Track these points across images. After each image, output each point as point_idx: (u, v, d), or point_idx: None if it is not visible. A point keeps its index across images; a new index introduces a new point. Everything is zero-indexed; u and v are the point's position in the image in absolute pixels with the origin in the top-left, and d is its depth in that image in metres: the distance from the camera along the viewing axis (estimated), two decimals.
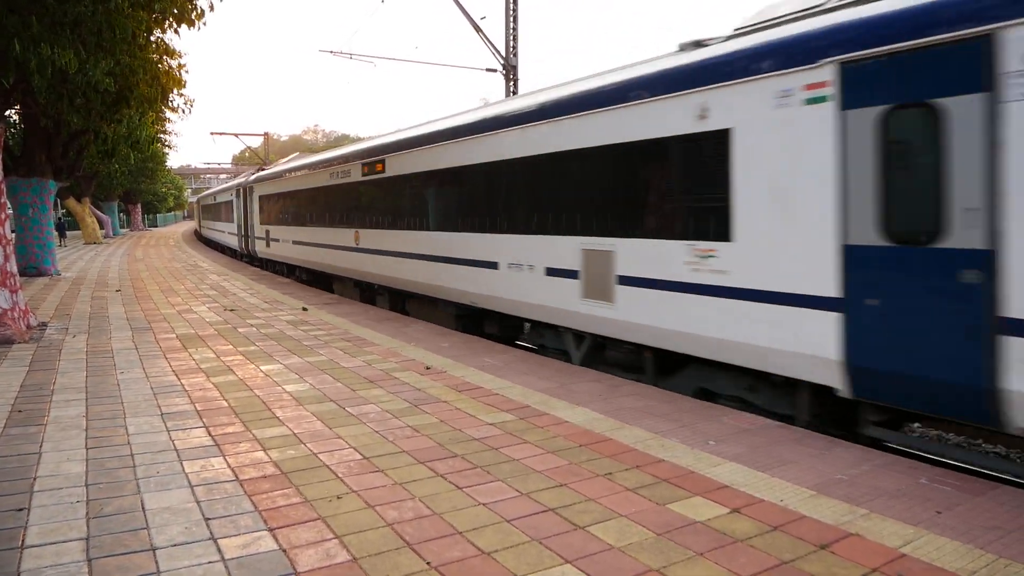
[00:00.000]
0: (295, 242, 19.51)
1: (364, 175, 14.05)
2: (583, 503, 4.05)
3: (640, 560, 3.38)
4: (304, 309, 11.50)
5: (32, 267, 18.50)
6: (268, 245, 22.81)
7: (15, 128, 19.79)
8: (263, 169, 26.57)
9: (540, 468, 4.60)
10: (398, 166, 12.57)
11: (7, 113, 12.40)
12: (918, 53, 4.85)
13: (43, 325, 10.58)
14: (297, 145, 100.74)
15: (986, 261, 4.52)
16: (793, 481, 4.37)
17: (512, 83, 20.94)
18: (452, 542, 3.56)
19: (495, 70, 21.41)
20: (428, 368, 7.55)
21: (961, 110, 4.65)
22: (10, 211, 10.31)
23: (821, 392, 5.73)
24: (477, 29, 20.40)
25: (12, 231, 12.16)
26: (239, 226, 28.23)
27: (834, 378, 5.47)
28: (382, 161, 13.22)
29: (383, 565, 3.32)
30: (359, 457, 4.82)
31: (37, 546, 3.51)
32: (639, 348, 7.57)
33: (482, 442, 5.13)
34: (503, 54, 20.89)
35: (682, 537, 3.62)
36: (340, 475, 4.48)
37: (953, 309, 4.71)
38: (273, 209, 22.08)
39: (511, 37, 20.80)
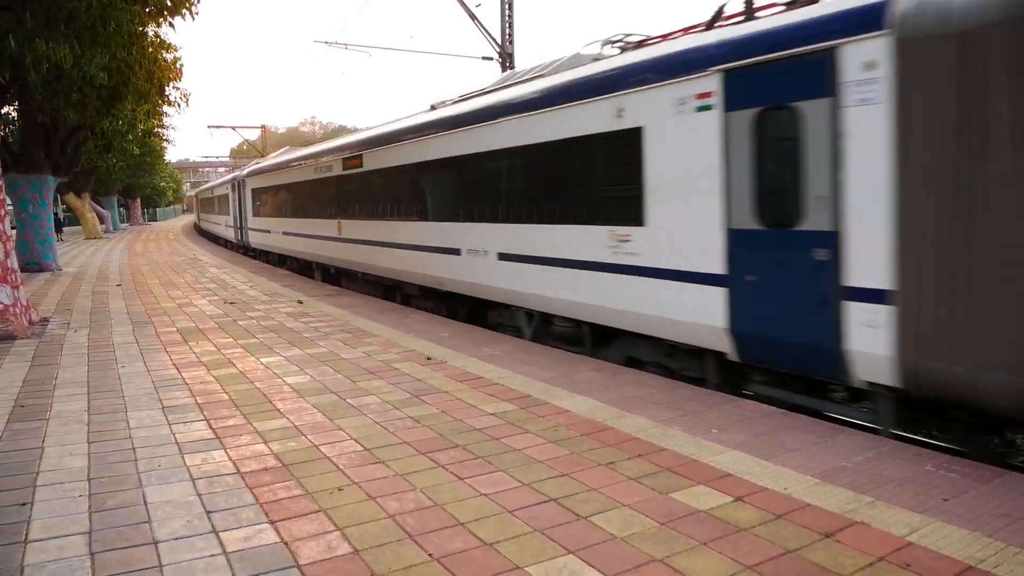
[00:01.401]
0: (284, 233, 20.40)
1: (344, 169, 14.97)
2: (585, 493, 4.03)
3: (643, 550, 3.36)
4: (299, 302, 11.48)
5: (33, 263, 18.50)
6: (261, 236, 23.58)
7: (13, 125, 19.75)
8: (258, 162, 27.65)
9: (541, 458, 4.59)
10: (374, 161, 13.39)
11: (5, 110, 12.37)
12: (781, 63, 5.71)
13: (45, 321, 10.57)
14: (295, 137, 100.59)
15: (832, 240, 5.40)
16: (797, 469, 4.35)
17: (509, 71, 20.83)
18: (454, 533, 3.55)
19: (491, 58, 21.31)
20: (429, 359, 7.53)
21: (812, 112, 5.48)
22: (10, 207, 10.26)
23: (720, 357, 6.57)
24: (472, 17, 20.29)
25: (12, 227, 12.14)
26: (235, 218, 28.96)
27: (725, 345, 6.34)
28: (359, 156, 14.09)
29: (385, 557, 3.31)
30: (360, 449, 4.80)
31: (40, 540, 3.51)
32: (579, 323, 8.41)
33: (483, 432, 5.12)
34: (499, 42, 20.78)
35: (685, 526, 3.61)
36: (341, 467, 4.47)
37: (809, 282, 5.58)
38: (264, 201, 22.92)
39: (507, 25, 20.71)
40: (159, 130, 32.96)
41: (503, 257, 9.31)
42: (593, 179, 7.69)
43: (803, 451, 4.67)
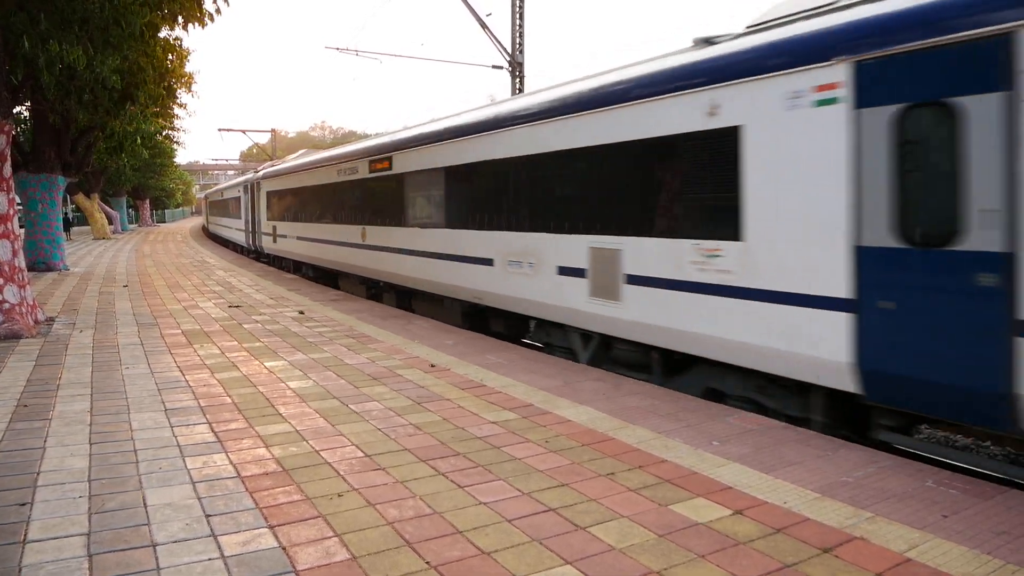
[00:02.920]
0: (299, 238, 19.67)
1: (371, 172, 14.03)
2: (584, 503, 4.03)
3: (641, 561, 3.35)
4: (300, 312, 11.47)
5: (41, 262, 18.60)
6: (275, 241, 22.78)
7: (25, 124, 19.90)
8: (273, 164, 26.39)
9: (542, 467, 4.58)
10: (406, 163, 12.49)
11: (17, 109, 12.47)
12: (936, 51, 4.87)
13: (51, 320, 10.62)
14: (305, 141, 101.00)
15: (1003, 264, 4.54)
16: (797, 483, 4.34)
17: (519, 80, 20.90)
18: (452, 541, 3.55)
19: (501, 67, 21.38)
20: (433, 365, 7.53)
21: (979, 109, 4.65)
22: (19, 207, 10.34)
23: (833, 394, 5.73)
24: (483, 26, 20.36)
25: (21, 226, 12.21)
26: (247, 222, 28.12)
27: (850, 381, 5.43)
28: (389, 158, 13.16)
29: (382, 564, 3.31)
30: (361, 455, 4.81)
31: (38, 541, 3.52)
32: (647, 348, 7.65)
33: (484, 440, 5.12)
34: (509, 51, 20.84)
35: (684, 539, 3.60)
36: (341, 473, 4.47)
37: (970, 312, 4.68)
38: (280, 205, 22.12)
39: (517, 34, 20.75)
40: (169, 132, 33.17)
41: (564, 271, 8.34)
42: (677, 186, 6.87)
43: (804, 464, 4.65)
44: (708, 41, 6.87)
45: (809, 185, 5.62)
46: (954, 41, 4.72)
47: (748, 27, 6.55)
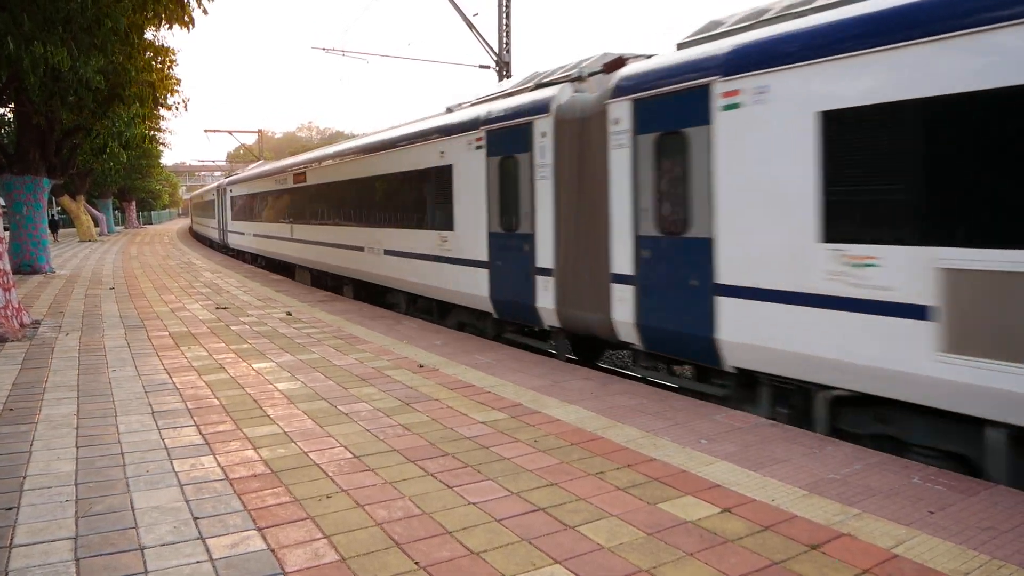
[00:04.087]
0: (254, 235, 24.33)
1: (294, 183, 18.96)
2: (574, 502, 4.03)
3: (630, 560, 3.36)
4: (288, 313, 11.44)
5: (27, 265, 18.43)
6: (238, 238, 27.74)
7: (9, 126, 19.72)
8: (235, 173, 33.93)
9: (531, 467, 4.59)
10: (314, 177, 17.21)
11: (1, 111, 12.35)
12: (509, 128, 9.04)
13: (36, 323, 10.53)
14: (292, 142, 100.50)
15: (531, 240, 8.64)
16: (785, 480, 4.36)
17: (505, 79, 20.89)
18: (441, 542, 3.55)
19: (488, 67, 21.37)
20: (421, 366, 7.53)
21: (524, 160, 8.80)
22: (4, 208, 10.24)
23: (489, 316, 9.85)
24: (470, 26, 20.36)
25: (6, 228, 12.10)
26: (218, 221, 33.24)
27: (490, 307, 9.57)
28: (304, 172, 18.03)
29: (371, 565, 3.31)
30: (349, 456, 4.80)
31: (25, 545, 3.49)
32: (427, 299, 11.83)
33: (473, 441, 5.12)
34: (496, 51, 20.85)
35: (672, 537, 3.61)
36: (330, 474, 4.46)
37: (523, 264, 8.76)
38: (239, 207, 27.13)
39: (504, 33, 20.76)
40: (155, 133, 32.94)
41: (389, 252, 12.74)
42: (428, 197, 11.26)
43: (792, 462, 4.68)
44: (450, 109, 11.42)
45: (477, 197, 9.65)
46: (513, 124, 8.95)
47: (476, 99, 10.85)
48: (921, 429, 5.18)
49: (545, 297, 8.41)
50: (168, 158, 77.92)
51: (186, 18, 11.06)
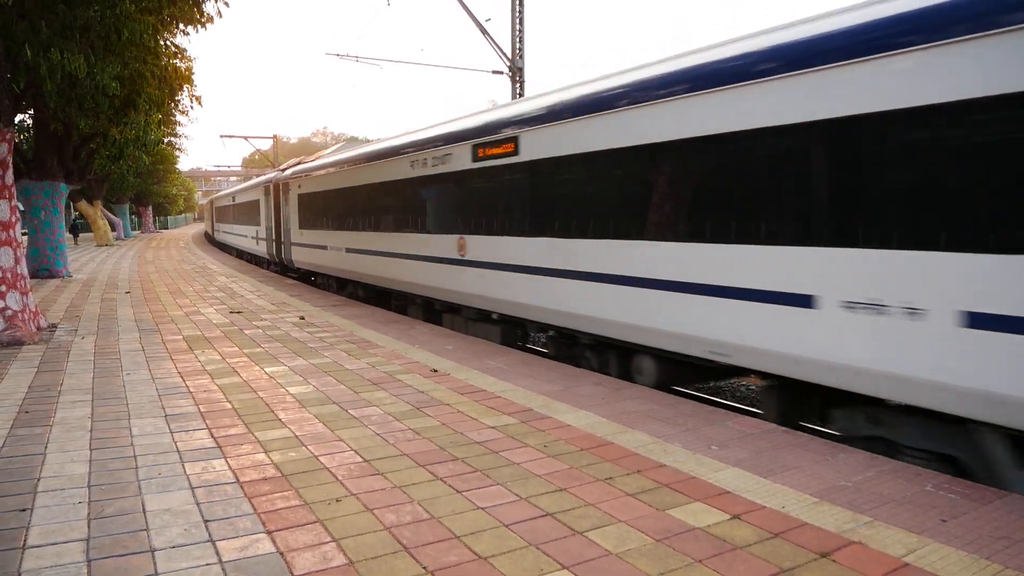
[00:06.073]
0: (348, 250, 15.80)
1: (475, 161, 10.20)
2: (582, 508, 4.03)
3: (638, 566, 3.35)
4: (301, 318, 11.51)
5: (44, 269, 18.64)
6: (311, 253, 18.83)
7: (27, 132, 19.96)
8: (301, 162, 21.76)
9: (540, 472, 4.59)
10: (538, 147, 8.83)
11: (19, 117, 12.51)
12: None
13: (53, 327, 10.65)
14: (306, 147, 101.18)
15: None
16: (796, 487, 4.33)
17: (519, 85, 20.94)
18: (449, 546, 3.55)
19: (501, 72, 21.42)
20: (434, 371, 7.54)
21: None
22: (19, 214, 10.37)
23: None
24: (483, 31, 20.41)
25: (24, 233, 12.23)
26: (268, 230, 24.00)
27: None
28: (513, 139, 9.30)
29: (379, 569, 3.31)
30: (359, 460, 4.81)
31: (38, 546, 3.53)
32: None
33: (483, 445, 5.12)
34: (509, 56, 20.89)
35: (681, 544, 3.60)
36: (340, 478, 4.48)
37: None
38: (318, 208, 18.08)
39: (517, 39, 20.80)
40: (171, 138, 33.26)
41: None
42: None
43: (803, 469, 4.65)
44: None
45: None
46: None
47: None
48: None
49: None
50: (184, 163, 78.82)
51: (202, 17, 11.17)
